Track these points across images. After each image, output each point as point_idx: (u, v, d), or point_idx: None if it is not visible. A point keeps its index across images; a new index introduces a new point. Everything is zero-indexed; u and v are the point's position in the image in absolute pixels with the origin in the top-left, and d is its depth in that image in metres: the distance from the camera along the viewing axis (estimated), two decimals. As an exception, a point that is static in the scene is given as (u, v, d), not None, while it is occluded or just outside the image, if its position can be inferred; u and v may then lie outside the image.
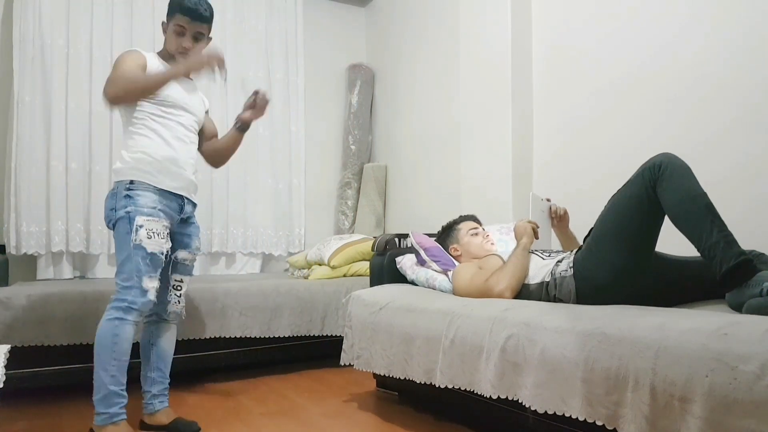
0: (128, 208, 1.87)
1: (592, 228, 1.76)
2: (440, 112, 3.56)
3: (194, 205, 2.12)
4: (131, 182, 1.89)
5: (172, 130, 1.98)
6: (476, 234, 2.31)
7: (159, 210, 1.91)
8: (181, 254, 2.08)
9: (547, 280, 1.83)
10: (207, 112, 2.21)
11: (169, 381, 2.11)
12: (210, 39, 2.08)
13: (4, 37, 3.26)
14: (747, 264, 1.40)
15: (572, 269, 1.76)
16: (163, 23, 2.05)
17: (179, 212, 2.02)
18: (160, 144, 1.95)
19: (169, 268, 2.06)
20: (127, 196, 1.88)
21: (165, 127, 1.97)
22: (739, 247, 1.44)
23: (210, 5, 2.05)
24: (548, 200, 2.21)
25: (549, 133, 2.88)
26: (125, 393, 1.85)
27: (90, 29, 3.36)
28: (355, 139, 4.21)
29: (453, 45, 3.38)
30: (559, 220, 2.19)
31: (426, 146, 3.71)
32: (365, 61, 4.42)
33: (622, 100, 2.50)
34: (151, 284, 1.87)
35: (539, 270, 1.88)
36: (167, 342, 2.10)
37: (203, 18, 2.00)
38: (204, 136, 2.19)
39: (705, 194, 1.50)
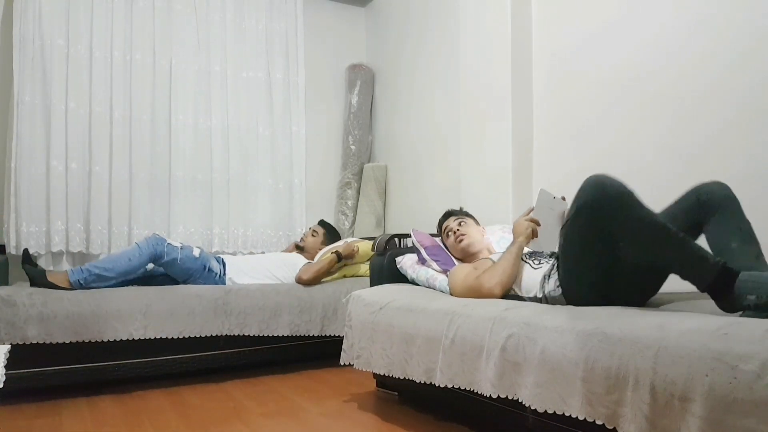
0: None
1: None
2: (440, 112, 3.56)
3: None
4: None
5: None
6: (448, 236, 2.33)
7: None
8: None
9: (540, 296, 1.83)
10: None
11: None
12: None
13: (4, 37, 3.26)
14: (724, 274, 1.35)
15: (560, 289, 1.76)
16: None
17: None
18: None
19: None
20: None
21: None
22: (708, 256, 1.40)
23: None
24: (563, 199, 1.91)
25: (549, 133, 2.88)
26: None
27: (90, 29, 3.36)
28: (355, 139, 4.21)
29: (453, 45, 3.38)
30: None
31: (426, 146, 3.71)
32: (365, 61, 4.42)
33: (622, 100, 2.50)
34: None
35: (532, 284, 1.87)
36: None
37: None
38: None
39: (651, 213, 1.45)
